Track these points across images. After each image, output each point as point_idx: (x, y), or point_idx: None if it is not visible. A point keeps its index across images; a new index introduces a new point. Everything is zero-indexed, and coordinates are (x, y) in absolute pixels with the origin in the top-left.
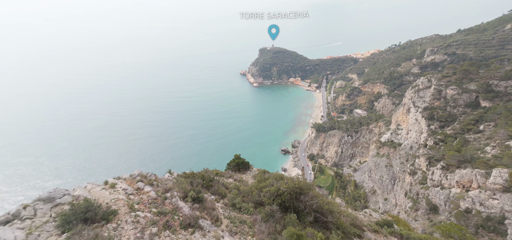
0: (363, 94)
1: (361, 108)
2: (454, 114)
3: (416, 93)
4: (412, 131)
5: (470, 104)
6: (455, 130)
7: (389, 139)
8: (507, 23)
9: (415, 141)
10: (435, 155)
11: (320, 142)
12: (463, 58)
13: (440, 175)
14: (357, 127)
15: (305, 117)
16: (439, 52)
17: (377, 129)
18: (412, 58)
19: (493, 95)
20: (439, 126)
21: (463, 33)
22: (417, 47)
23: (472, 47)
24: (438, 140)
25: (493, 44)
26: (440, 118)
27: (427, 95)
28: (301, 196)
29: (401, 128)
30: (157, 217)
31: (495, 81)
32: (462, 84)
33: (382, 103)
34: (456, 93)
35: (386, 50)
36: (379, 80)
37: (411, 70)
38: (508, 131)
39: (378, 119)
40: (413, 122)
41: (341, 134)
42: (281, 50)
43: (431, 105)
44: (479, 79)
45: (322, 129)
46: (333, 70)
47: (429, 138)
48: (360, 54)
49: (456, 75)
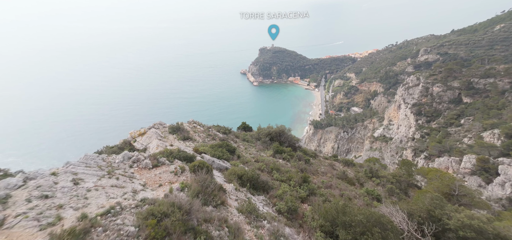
0: (360, 93)
1: (358, 106)
2: (439, 110)
3: (406, 90)
4: (402, 126)
5: (453, 100)
6: (439, 124)
7: (381, 134)
8: (496, 24)
9: (404, 135)
10: (420, 147)
11: (317, 138)
12: (454, 58)
13: (423, 163)
14: (353, 123)
15: (304, 115)
16: (432, 52)
17: (371, 125)
18: (407, 58)
19: (474, 92)
20: (425, 121)
21: (456, 33)
22: (413, 47)
23: (463, 47)
24: (424, 133)
25: (483, 45)
26: (427, 114)
27: (416, 93)
28: (281, 134)
29: (392, 123)
30: (209, 136)
31: (476, 79)
32: (447, 82)
33: (378, 101)
34: (442, 90)
35: (384, 49)
36: (375, 79)
37: (405, 69)
38: (483, 123)
39: (372, 116)
40: (403, 117)
41: (338, 130)
42: (280, 49)
43: (419, 102)
44: (462, 77)
45: (320, 125)
46: (332, 69)
47: (416, 131)
48: (359, 53)
49: (441, 73)
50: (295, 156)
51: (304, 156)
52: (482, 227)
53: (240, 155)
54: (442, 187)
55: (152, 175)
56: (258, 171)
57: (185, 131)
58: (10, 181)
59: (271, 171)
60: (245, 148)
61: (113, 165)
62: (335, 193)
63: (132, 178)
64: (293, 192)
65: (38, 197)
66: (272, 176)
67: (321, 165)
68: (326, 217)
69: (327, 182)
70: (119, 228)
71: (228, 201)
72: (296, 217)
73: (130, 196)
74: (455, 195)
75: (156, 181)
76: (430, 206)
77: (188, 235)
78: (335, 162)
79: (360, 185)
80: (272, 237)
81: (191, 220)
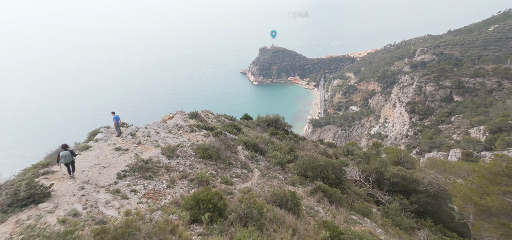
0: (359, 92)
1: (356, 105)
2: (432, 108)
3: (401, 89)
4: (397, 124)
5: (445, 99)
6: (431, 122)
7: (377, 131)
8: (491, 25)
9: (399, 132)
10: (413, 143)
11: (316, 136)
12: (450, 58)
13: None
14: (350, 121)
15: (303, 114)
16: (429, 52)
17: (368, 123)
18: (405, 58)
19: (464, 91)
20: (419, 118)
21: (452, 33)
22: (410, 47)
23: (458, 47)
24: (417, 131)
25: (477, 45)
26: (420, 112)
27: (410, 91)
28: (277, 121)
29: (388, 121)
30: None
31: (466, 78)
32: (439, 81)
33: (375, 100)
34: (434, 89)
35: (382, 49)
36: (373, 79)
37: (402, 69)
38: (471, 120)
39: (369, 114)
40: (398, 115)
41: (336, 129)
42: (280, 49)
43: (413, 100)
44: (453, 77)
45: (318, 124)
46: (331, 69)
47: (410, 129)
48: (358, 53)
49: (434, 73)
50: (287, 137)
51: (294, 138)
52: (404, 175)
53: (244, 133)
54: (393, 157)
55: (191, 136)
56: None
57: (201, 117)
58: (132, 128)
59: (267, 144)
60: (247, 130)
61: (169, 128)
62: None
63: (181, 136)
64: (282, 156)
65: (145, 135)
66: (268, 147)
67: (307, 145)
68: (301, 166)
69: (310, 155)
70: (185, 151)
71: (238, 153)
72: (283, 169)
73: (184, 141)
74: (401, 161)
75: (194, 138)
76: (378, 166)
77: (220, 160)
78: (320, 144)
79: (336, 159)
80: (265, 169)
81: (221, 154)
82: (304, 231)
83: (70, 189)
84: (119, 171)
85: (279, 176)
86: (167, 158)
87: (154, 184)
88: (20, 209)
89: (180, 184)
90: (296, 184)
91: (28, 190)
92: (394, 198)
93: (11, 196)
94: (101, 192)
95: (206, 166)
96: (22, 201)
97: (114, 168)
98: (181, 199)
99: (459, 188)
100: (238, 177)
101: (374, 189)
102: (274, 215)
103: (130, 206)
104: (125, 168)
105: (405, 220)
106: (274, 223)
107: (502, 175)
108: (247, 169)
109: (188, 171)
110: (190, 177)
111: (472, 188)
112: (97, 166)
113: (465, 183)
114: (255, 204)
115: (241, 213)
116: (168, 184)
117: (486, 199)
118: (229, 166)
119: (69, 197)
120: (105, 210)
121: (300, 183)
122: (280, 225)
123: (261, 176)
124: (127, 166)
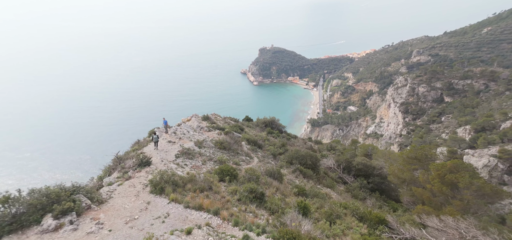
0: (357, 92)
1: (354, 106)
2: (424, 108)
3: (396, 90)
4: (391, 123)
5: (436, 99)
6: (423, 121)
7: (373, 131)
8: (484, 27)
9: (393, 132)
10: (406, 142)
11: (314, 136)
12: (444, 59)
13: None
14: (348, 121)
15: (302, 114)
16: (424, 53)
17: (365, 123)
18: (401, 59)
19: (454, 92)
20: (412, 118)
21: (448, 35)
22: (407, 48)
23: (453, 48)
24: (410, 130)
25: (471, 47)
26: (413, 112)
27: (404, 92)
28: (272, 122)
29: (383, 121)
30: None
31: (456, 80)
32: (431, 82)
33: (373, 100)
34: (426, 90)
35: (380, 50)
36: (371, 79)
37: (399, 70)
38: (458, 120)
39: (366, 114)
40: (392, 115)
41: (334, 128)
42: (280, 50)
43: (406, 101)
44: (444, 79)
45: (317, 123)
46: (330, 69)
47: (403, 128)
48: (356, 53)
49: (426, 75)
50: (280, 136)
51: (287, 136)
52: (365, 163)
53: (246, 132)
54: (363, 151)
55: (209, 134)
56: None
57: (211, 119)
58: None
59: (264, 141)
60: (248, 130)
61: (194, 128)
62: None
63: (202, 134)
64: (275, 149)
65: (181, 133)
66: (265, 143)
67: (297, 142)
68: (289, 156)
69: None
70: (208, 143)
71: (243, 146)
72: (275, 159)
73: (206, 137)
74: (369, 154)
75: (212, 135)
76: (348, 157)
77: (231, 150)
78: (309, 141)
79: (320, 153)
80: (262, 157)
81: (231, 146)
82: (283, 189)
83: (158, 161)
84: (176, 153)
85: (271, 162)
86: (198, 147)
87: (195, 162)
88: (141, 168)
89: (208, 163)
90: (283, 167)
91: (143, 158)
92: (357, 180)
93: (137, 161)
94: (171, 163)
95: (222, 154)
96: (142, 164)
97: (171, 152)
98: (211, 170)
99: (391, 169)
100: (243, 161)
101: (343, 173)
102: (266, 181)
103: (187, 171)
104: (177, 153)
105: (360, 194)
106: (265, 185)
107: (412, 158)
108: (249, 157)
109: (212, 156)
110: (214, 159)
111: (398, 168)
112: (162, 151)
113: (395, 165)
114: (255, 172)
115: (247, 177)
116: (202, 162)
117: (404, 174)
118: (237, 154)
119: (159, 165)
120: (177, 171)
121: (286, 167)
122: (269, 186)
123: (259, 161)
124: (178, 152)
